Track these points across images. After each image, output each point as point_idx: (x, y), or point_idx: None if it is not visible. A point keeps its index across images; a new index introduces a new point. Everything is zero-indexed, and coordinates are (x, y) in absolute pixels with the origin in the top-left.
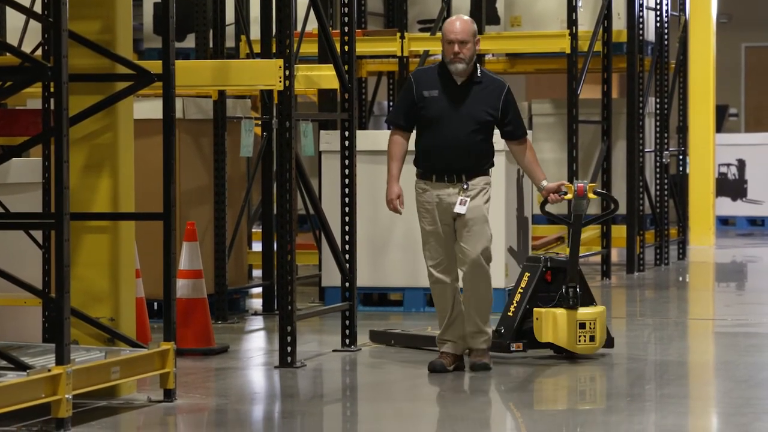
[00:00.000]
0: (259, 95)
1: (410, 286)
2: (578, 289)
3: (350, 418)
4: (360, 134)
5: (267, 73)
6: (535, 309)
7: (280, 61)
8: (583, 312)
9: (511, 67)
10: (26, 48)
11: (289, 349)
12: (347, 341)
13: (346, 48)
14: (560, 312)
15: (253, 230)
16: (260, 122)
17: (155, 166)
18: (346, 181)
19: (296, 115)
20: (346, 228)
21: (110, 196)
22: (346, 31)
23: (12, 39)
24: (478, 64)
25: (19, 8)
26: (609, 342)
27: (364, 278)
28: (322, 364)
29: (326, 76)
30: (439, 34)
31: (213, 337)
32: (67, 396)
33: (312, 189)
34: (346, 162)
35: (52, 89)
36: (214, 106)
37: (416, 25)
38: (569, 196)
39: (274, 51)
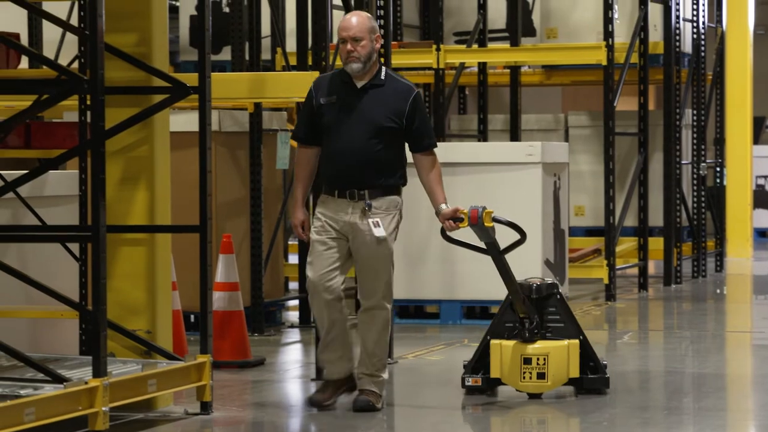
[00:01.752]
0: (294, 107)
1: (447, 298)
2: (534, 321)
3: None
4: None
5: (303, 86)
6: (491, 341)
7: (316, 74)
8: (531, 346)
9: (547, 79)
10: (63, 61)
11: None
12: None
13: (382, 60)
14: (506, 344)
15: (289, 242)
16: None
17: (191, 178)
18: None
19: None
20: None
21: (146, 209)
22: (382, 43)
23: (49, 52)
24: (383, 66)
25: (56, 21)
26: (600, 381)
27: (400, 291)
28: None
29: None
30: (475, 46)
31: (249, 349)
32: (104, 408)
33: None
34: None
35: (88, 102)
36: (249, 119)
37: (452, 37)
38: (464, 223)
39: (310, 63)
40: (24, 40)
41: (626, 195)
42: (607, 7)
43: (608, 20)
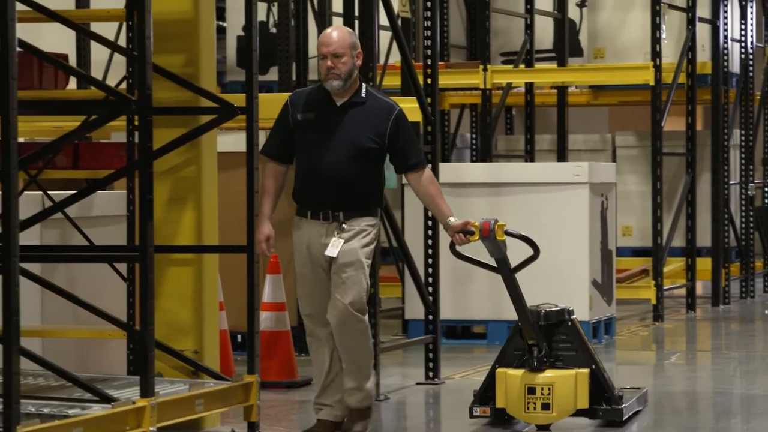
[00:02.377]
0: None
1: (494, 318)
2: (543, 349)
3: None
4: (443, 167)
5: None
6: (497, 369)
7: None
8: (536, 375)
9: (594, 99)
10: (111, 81)
11: None
12: (431, 374)
13: (429, 80)
14: (511, 373)
15: None
16: None
17: (238, 198)
18: (429, 213)
19: None
20: (430, 260)
21: (194, 229)
22: (429, 63)
23: (97, 72)
24: (363, 83)
25: (104, 42)
26: (612, 413)
27: (447, 311)
28: (405, 397)
29: (409, 109)
30: (522, 67)
31: (296, 369)
32: (151, 428)
33: (395, 221)
34: None
35: (136, 122)
36: None
37: (499, 57)
38: (475, 237)
39: None
40: (72, 61)
41: (674, 215)
42: (655, 27)
43: (656, 40)
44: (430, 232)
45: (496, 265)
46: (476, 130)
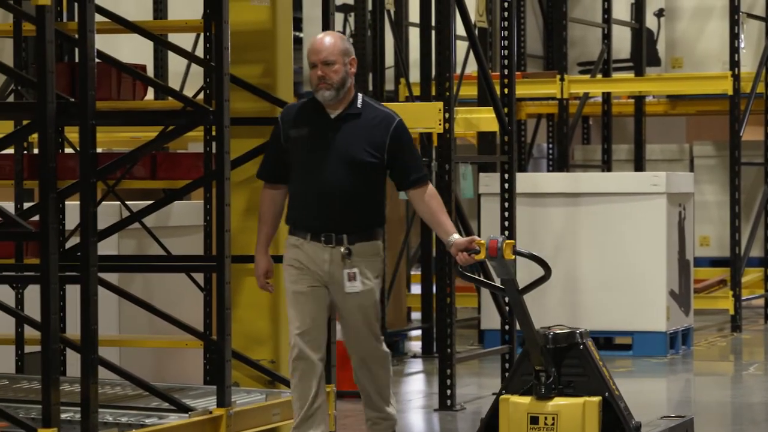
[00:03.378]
0: (418, 138)
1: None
2: (552, 375)
3: None
4: (520, 176)
5: (427, 116)
6: (501, 396)
7: (440, 104)
8: (541, 403)
9: (672, 108)
10: (188, 92)
11: (448, 392)
12: None
13: (506, 90)
14: (514, 400)
15: (412, 273)
16: None
17: None
18: (506, 223)
19: (456, 157)
20: None
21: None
22: (506, 73)
23: (174, 83)
24: (359, 93)
25: (182, 53)
26: None
27: None
28: (481, 407)
29: (486, 119)
30: (599, 76)
31: None
32: None
33: (471, 231)
34: (506, 204)
35: (213, 133)
36: None
37: (576, 67)
38: (481, 255)
39: (433, 94)
40: (150, 72)
41: (752, 225)
42: (734, 36)
43: (734, 50)
44: None
45: (503, 287)
46: (553, 139)
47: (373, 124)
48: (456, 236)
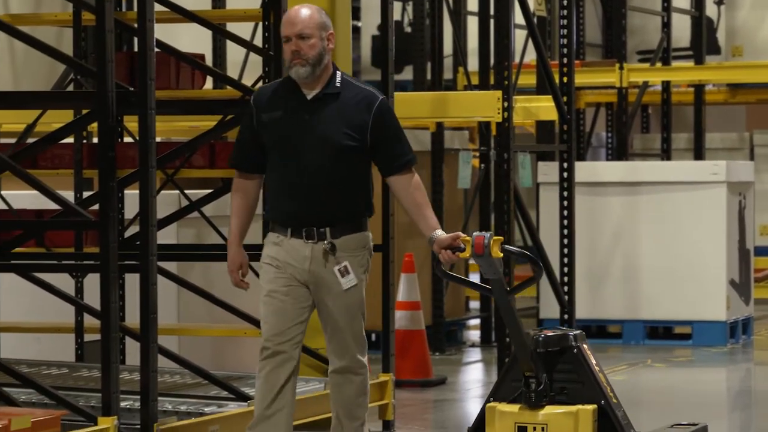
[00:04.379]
0: (476, 127)
1: (629, 318)
2: (542, 381)
3: None
4: (578, 165)
5: (485, 105)
6: (487, 404)
7: (499, 93)
8: (530, 412)
9: (732, 97)
10: (247, 81)
11: None
12: None
13: (565, 79)
14: (501, 409)
15: (470, 261)
16: (478, 154)
17: (374, 198)
18: (565, 212)
19: (514, 146)
20: (565, 259)
21: None
22: (565, 62)
23: (233, 72)
24: (338, 71)
25: (240, 42)
26: None
27: (582, 310)
28: None
29: (545, 108)
30: (659, 65)
31: (431, 368)
32: None
33: (530, 220)
34: (565, 193)
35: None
36: (431, 138)
37: (635, 55)
38: (466, 253)
39: (492, 82)
40: (209, 61)
41: None
42: None
43: None
44: (565, 231)
45: (490, 287)
46: (612, 128)
47: (353, 104)
48: (439, 232)
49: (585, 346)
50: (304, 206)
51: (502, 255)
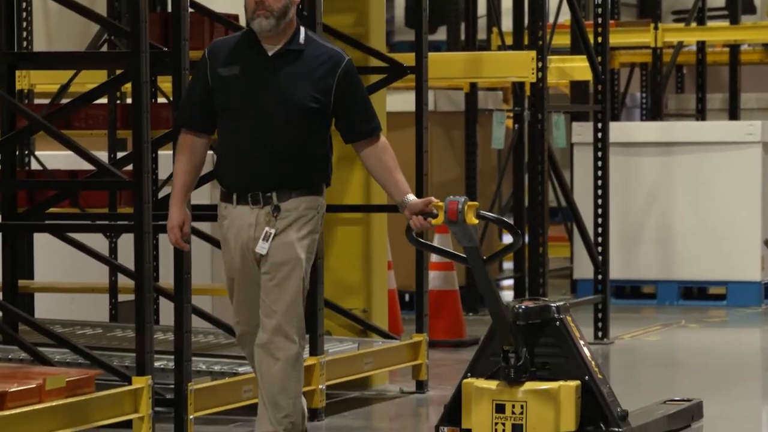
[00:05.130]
0: (510, 87)
1: (664, 278)
2: (522, 356)
3: None
4: (613, 126)
5: (519, 65)
6: (464, 380)
7: (533, 53)
8: (509, 389)
9: (767, 57)
10: None
11: None
12: (599, 334)
13: (599, 39)
14: (479, 385)
15: None
16: (512, 114)
17: (407, 158)
18: (599, 172)
19: (548, 107)
20: (599, 220)
21: (363, 189)
22: (600, 22)
23: None
24: (302, 27)
25: None
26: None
27: (616, 271)
28: None
29: (579, 68)
30: (693, 25)
31: (464, 328)
32: (320, 386)
33: (564, 181)
34: (599, 154)
35: None
36: (465, 99)
37: (670, 15)
38: (438, 220)
39: (526, 43)
40: (242, 22)
41: None
42: None
43: None
44: (599, 192)
45: (464, 256)
46: (646, 89)
47: (317, 64)
48: (411, 197)
49: (569, 318)
50: (254, 170)
51: (477, 222)
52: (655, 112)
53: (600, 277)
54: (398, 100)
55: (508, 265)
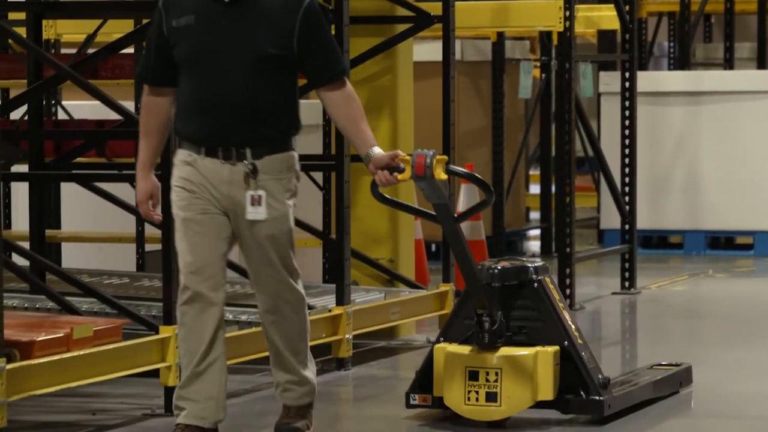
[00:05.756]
0: (537, 36)
1: (691, 228)
2: (497, 319)
3: (629, 361)
4: (640, 75)
5: (547, 14)
6: (436, 345)
7: (561, 2)
8: (482, 355)
9: None
10: None
11: (567, 291)
12: (626, 284)
13: None
14: (451, 350)
15: (530, 172)
16: (539, 64)
17: (434, 108)
18: (626, 122)
19: (576, 56)
20: (626, 170)
21: (390, 138)
22: None
23: None
24: None
25: None
26: (588, 406)
27: (643, 221)
28: (600, 306)
29: (606, 17)
30: None
31: None
32: (347, 336)
33: (591, 130)
34: (626, 103)
35: (333, 32)
36: (492, 48)
37: None
38: (405, 175)
39: None
40: None
41: None
42: None
43: None
44: (627, 141)
45: (434, 213)
46: (674, 38)
47: (278, 7)
48: (377, 150)
49: (547, 279)
50: (219, 124)
51: (446, 177)
52: (683, 62)
53: (627, 227)
54: (425, 50)
55: (534, 215)
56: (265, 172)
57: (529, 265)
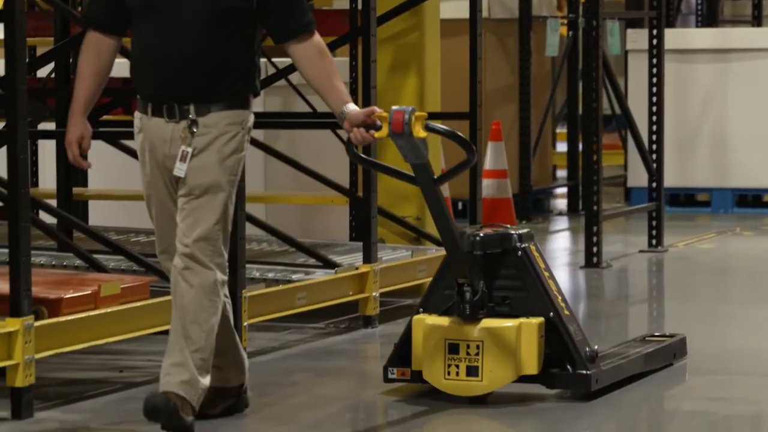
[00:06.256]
0: None
1: (718, 186)
2: (479, 289)
3: (656, 319)
4: (668, 32)
5: None
6: (415, 317)
7: None
8: (463, 326)
9: None
10: None
11: (594, 249)
12: (654, 242)
13: None
14: (430, 322)
15: (557, 130)
16: (566, 21)
17: (461, 66)
18: (654, 80)
19: (603, 13)
20: (653, 127)
21: (416, 96)
22: None
23: None
24: None
25: None
26: (574, 380)
27: (670, 178)
28: (627, 264)
29: None
30: None
31: None
32: (374, 294)
33: (618, 88)
34: (654, 61)
35: None
36: (519, 5)
37: None
38: (383, 132)
39: None
40: None
41: None
42: None
43: None
44: (654, 99)
45: (412, 174)
46: None
47: None
48: (352, 106)
49: (532, 247)
50: (169, 79)
51: (425, 135)
52: (711, 19)
53: (654, 184)
54: (451, 8)
55: (561, 173)
56: (208, 125)
57: (513, 232)
